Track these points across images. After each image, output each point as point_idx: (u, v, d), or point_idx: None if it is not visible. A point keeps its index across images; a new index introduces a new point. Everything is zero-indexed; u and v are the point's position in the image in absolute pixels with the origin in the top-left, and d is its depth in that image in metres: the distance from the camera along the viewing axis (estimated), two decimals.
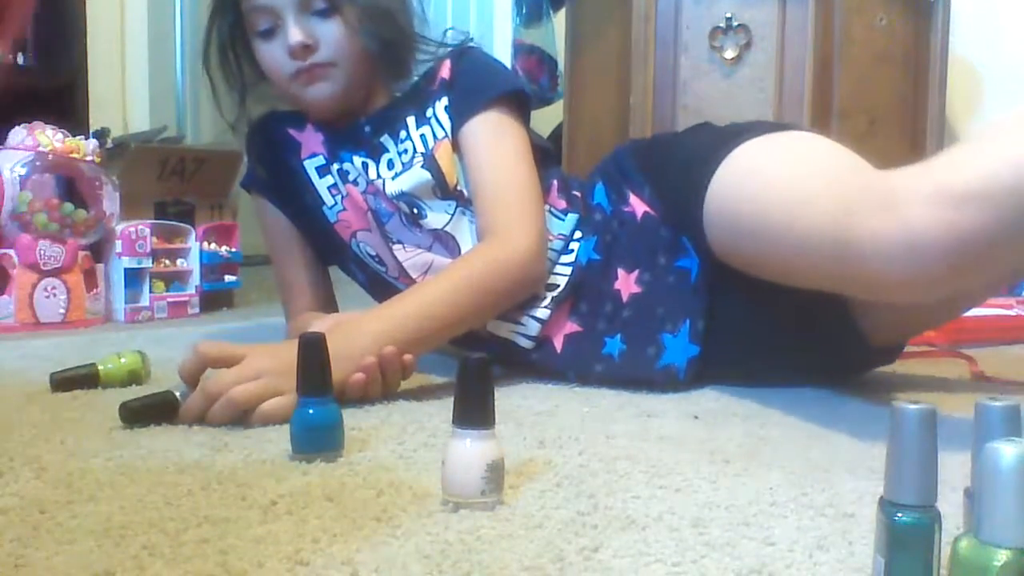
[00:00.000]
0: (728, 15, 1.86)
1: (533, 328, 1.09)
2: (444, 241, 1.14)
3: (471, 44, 1.23)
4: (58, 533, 0.56)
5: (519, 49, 2.82)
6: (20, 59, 2.33)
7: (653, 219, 1.09)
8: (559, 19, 2.58)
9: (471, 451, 0.62)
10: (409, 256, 1.14)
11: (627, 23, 1.91)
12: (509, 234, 1.05)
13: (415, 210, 1.13)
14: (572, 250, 1.12)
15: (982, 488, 0.40)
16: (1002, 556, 0.39)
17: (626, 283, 1.09)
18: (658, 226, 1.08)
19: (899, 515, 0.44)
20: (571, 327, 1.09)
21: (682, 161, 1.05)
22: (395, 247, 1.15)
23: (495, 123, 1.13)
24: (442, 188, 1.12)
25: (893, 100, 1.98)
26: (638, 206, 1.11)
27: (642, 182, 1.11)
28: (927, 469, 0.44)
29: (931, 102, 2.02)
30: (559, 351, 1.09)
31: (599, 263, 1.10)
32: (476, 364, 0.63)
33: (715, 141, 1.01)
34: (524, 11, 2.81)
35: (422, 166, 1.13)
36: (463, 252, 1.12)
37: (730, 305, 1.06)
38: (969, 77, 2.42)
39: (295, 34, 1.11)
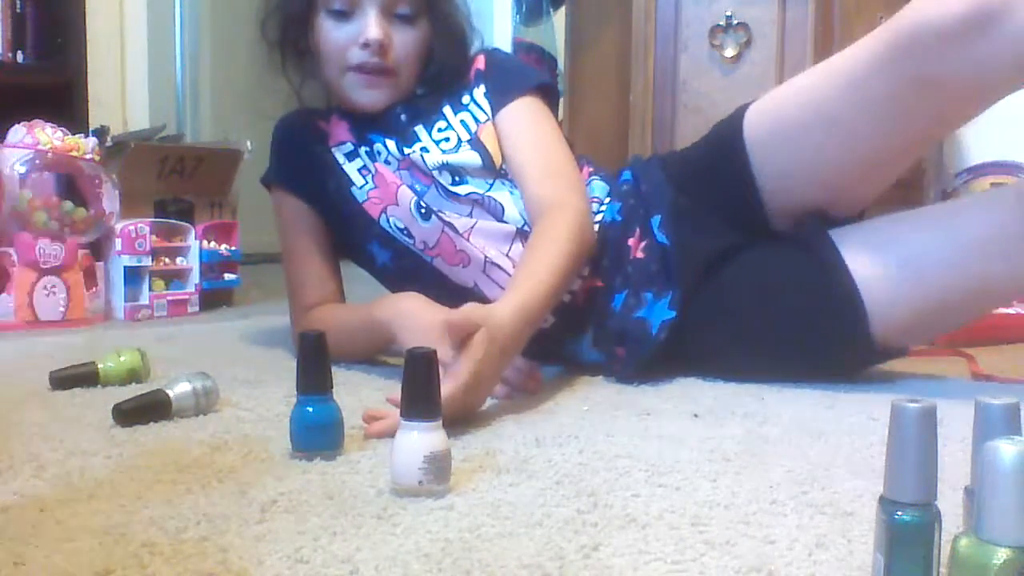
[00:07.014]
0: (728, 13, 1.86)
1: (575, 284, 1.12)
2: (486, 205, 1.17)
3: (492, 47, 1.32)
4: (58, 531, 0.56)
5: (519, 47, 2.81)
6: (20, 57, 2.33)
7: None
8: (559, 17, 2.58)
9: (411, 442, 0.63)
10: (453, 219, 1.17)
11: (627, 22, 1.91)
12: (571, 202, 1.10)
13: (456, 177, 1.17)
14: (601, 211, 1.19)
15: (982, 486, 0.40)
16: (1002, 554, 0.39)
17: (637, 247, 1.15)
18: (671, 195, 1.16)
19: (899, 513, 0.44)
20: (593, 281, 1.15)
21: (710, 133, 1.18)
22: (441, 213, 1.17)
23: (534, 108, 1.21)
24: (490, 168, 1.17)
25: None
26: None
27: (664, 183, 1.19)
28: (927, 467, 0.44)
29: None
30: (580, 306, 1.13)
31: (620, 224, 1.16)
32: (420, 357, 0.64)
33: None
34: (524, 9, 2.80)
35: (471, 148, 1.18)
36: (507, 213, 1.16)
37: (730, 293, 1.11)
38: None
39: (377, 31, 1.15)
